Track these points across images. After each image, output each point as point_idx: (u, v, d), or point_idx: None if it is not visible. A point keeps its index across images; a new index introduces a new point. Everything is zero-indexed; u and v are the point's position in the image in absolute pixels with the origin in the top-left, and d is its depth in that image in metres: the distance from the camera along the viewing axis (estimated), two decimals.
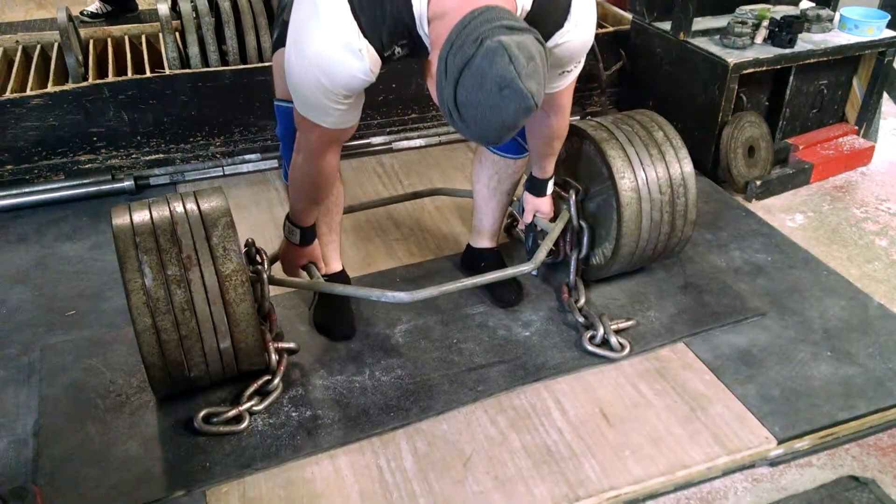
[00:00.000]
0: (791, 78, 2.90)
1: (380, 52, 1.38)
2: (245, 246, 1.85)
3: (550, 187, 2.05)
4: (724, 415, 1.82)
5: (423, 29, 1.36)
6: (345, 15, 1.32)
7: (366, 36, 1.35)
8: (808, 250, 2.44)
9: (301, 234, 1.87)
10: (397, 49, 1.41)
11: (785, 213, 2.75)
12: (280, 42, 1.76)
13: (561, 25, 1.46)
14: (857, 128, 3.12)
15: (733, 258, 2.39)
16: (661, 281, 2.26)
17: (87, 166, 2.74)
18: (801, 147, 2.99)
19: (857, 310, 2.16)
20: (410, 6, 1.33)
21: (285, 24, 1.74)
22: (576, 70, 1.66)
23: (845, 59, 2.99)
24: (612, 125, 2.11)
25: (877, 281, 2.35)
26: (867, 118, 3.11)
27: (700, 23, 2.96)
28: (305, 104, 1.51)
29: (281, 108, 1.83)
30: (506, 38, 1.16)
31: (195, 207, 1.71)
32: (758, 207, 2.75)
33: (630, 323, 2.06)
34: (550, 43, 1.46)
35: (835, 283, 2.28)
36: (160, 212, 1.69)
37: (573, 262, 2.14)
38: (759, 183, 2.78)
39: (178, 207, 1.70)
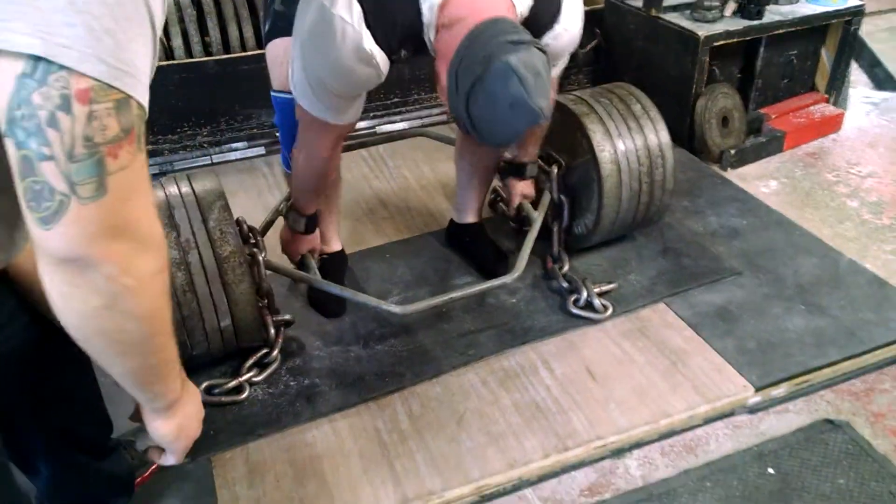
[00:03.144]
0: (761, 49, 2.98)
1: (388, 55, 1.45)
2: (237, 225, 1.91)
3: (534, 170, 2.13)
4: (704, 367, 1.91)
5: (429, 36, 1.42)
6: (358, 23, 1.38)
7: (376, 42, 1.41)
8: (781, 213, 2.54)
9: (306, 222, 1.94)
10: (403, 52, 1.48)
11: (759, 180, 2.84)
12: (274, 33, 1.83)
13: (551, 27, 1.54)
14: (827, 96, 3.22)
15: (710, 223, 2.48)
16: (640, 247, 2.35)
17: None
18: (773, 116, 3.08)
19: (828, 266, 2.25)
20: (421, 16, 1.39)
21: (278, 15, 1.80)
22: (561, 64, 1.76)
23: (813, 30, 3.08)
24: (591, 99, 2.19)
25: (848, 240, 2.45)
26: (836, 87, 3.20)
27: None
28: (315, 104, 1.57)
29: (279, 99, 1.89)
30: (513, 59, 1.22)
31: (190, 191, 1.76)
32: (733, 176, 2.84)
33: (612, 286, 2.15)
34: (543, 41, 1.53)
35: (807, 242, 2.37)
36: (156, 197, 1.75)
37: (555, 233, 2.21)
38: (733, 152, 2.87)
39: (174, 191, 1.75)
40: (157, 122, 2.85)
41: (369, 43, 1.39)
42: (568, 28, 1.55)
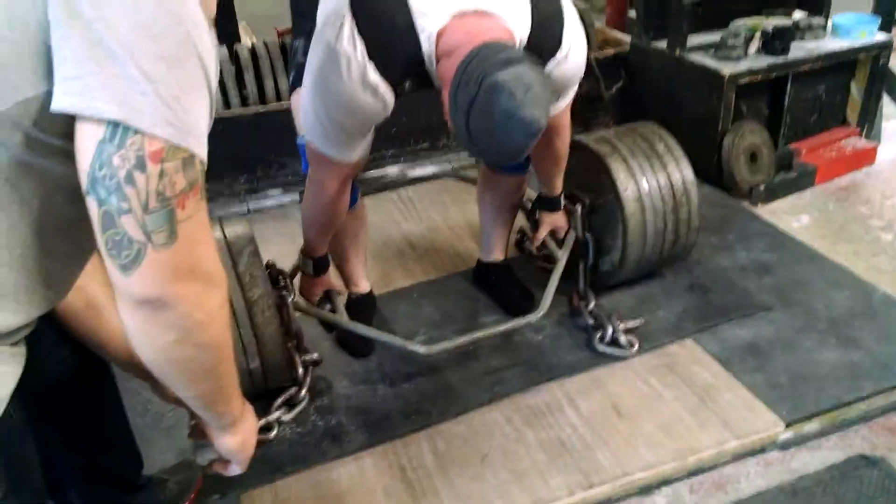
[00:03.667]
0: (788, 85, 2.99)
1: (393, 87, 1.50)
2: (266, 269, 1.97)
3: (562, 202, 2.16)
4: (733, 402, 1.88)
5: (431, 66, 1.47)
6: (361, 56, 1.44)
7: (380, 74, 1.46)
8: (812, 247, 2.51)
9: (314, 264, 1.99)
10: (407, 83, 1.54)
11: (790, 214, 2.82)
12: (297, 83, 1.91)
13: (554, 54, 1.57)
14: (858, 129, 3.19)
15: (739, 258, 2.47)
16: (668, 283, 2.35)
17: None
18: (804, 151, 3.06)
19: (861, 299, 2.22)
20: (420, 47, 1.44)
21: (301, 66, 1.88)
22: (571, 93, 1.78)
23: (841, 64, 3.08)
24: (614, 138, 2.22)
25: (882, 272, 2.40)
26: (868, 120, 3.18)
27: (696, 39, 3.06)
28: (322, 140, 1.62)
29: (304, 144, 1.97)
30: (502, 75, 1.26)
31: (222, 237, 1.82)
32: (763, 211, 2.83)
33: (638, 322, 2.14)
34: (546, 69, 1.57)
35: (839, 275, 2.34)
36: None
37: (581, 271, 2.22)
38: (762, 188, 2.86)
39: None
40: None
41: (374, 75, 1.44)
42: (570, 56, 1.58)
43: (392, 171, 3.14)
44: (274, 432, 1.86)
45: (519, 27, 1.47)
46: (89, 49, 0.75)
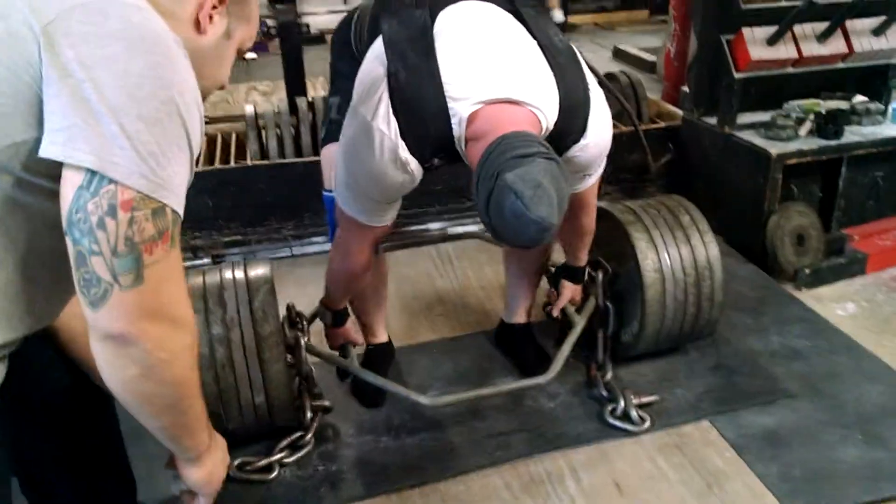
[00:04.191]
0: (843, 169, 2.92)
1: (422, 163, 1.55)
2: (286, 310, 2.04)
3: (586, 273, 2.17)
4: (741, 492, 1.81)
5: (461, 147, 1.52)
6: (394, 135, 1.49)
7: (411, 152, 1.51)
8: (853, 338, 2.41)
9: (332, 316, 2.04)
10: (436, 161, 1.59)
11: (836, 302, 2.71)
12: (328, 138, 2.00)
13: (578, 140, 1.60)
14: None
15: (771, 342, 2.39)
16: (692, 360, 2.29)
17: None
18: (856, 237, 2.97)
19: (895, 395, 2.11)
20: (451, 130, 1.49)
21: (332, 123, 1.98)
22: (596, 173, 1.80)
23: None
24: (639, 209, 2.22)
25: None
26: None
27: (748, 117, 3.04)
28: (352, 205, 1.68)
29: (329, 197, 2.05)
30: (510, 176, 1.28)
31: (242, 275, 1.91)
32: (807, 296, 2.73)
33: (653, 398, 2.10)
34: (570, 153, 1.61)
35: (876, 369, 2.24)
36: (212, 277, 1.90)
37: (600, 340, 2.20)
38: (808, 271, 2.77)
39: (228, 275, 1.91)
40: (246, 215, 3.10)
41: (404, 152, 1.49)
42: (595, 141, 1.60)
43: (434, 226, 3.21)
44: (274, 473, 1.89)
45: (547, 115, 1.50)
46: (76, 105, 0.84)
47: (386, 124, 1.49)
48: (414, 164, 1.53)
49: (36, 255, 0.95)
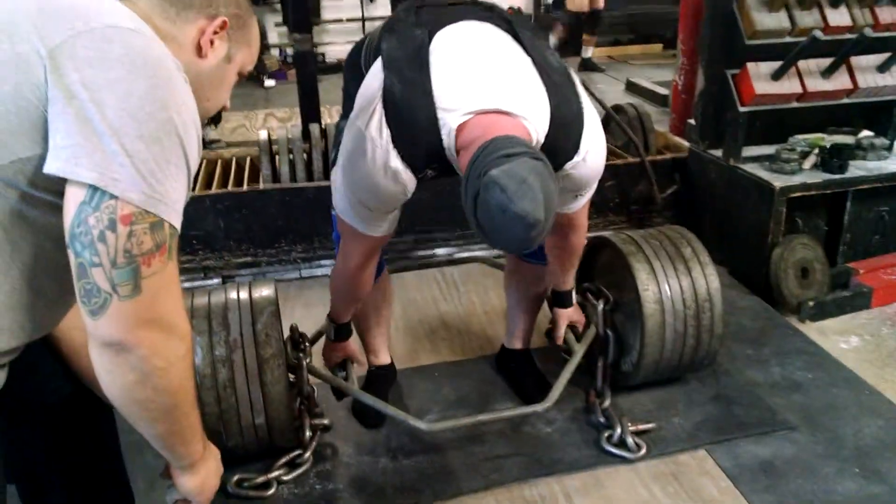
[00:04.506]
0: (847, 203, 2.94)
1: (415, 173, 1.59)
2: (290, 331, 2.08)
3: (574, 298, 2.19)
4: None
5: (452, 157, 1.56)
6: (386, 143, 1.54)
7: (403, 161, 1.56)
8: (855, 371, 2.41)
9: (335, 329, 2.07)
10: (429, 171, 1.64)
11: (839, 335, 2.71)
12: (337, 160, 2.06)
13: (571, 157, 1.63)
14: None
15: (772, 373, 2.40)
16: (691, 390, 2.30)
17: (185, 265, 3.11)
18: (861, 271, 2.97)
19: (894, 430, 2.10)
20: (441, 140, 1.53)
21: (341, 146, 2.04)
22: (588, 193, 1.81)
23: None
24: (641, 239, 2.24)
25: None
26: None
27: (754, 150, 3.07)
28: (349, 214, 1.74)
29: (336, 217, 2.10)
30: (495, 172, 1.32)
31: (247, 297, 1.95)
32: (811, 329, 2.74)
33: (650, 426, 2.11)
34: (563, 170, 1.63)
35: (877, 403, 2.23)
36: (217, 298, 1.95)
37: (599, 368, 2.22)
38: (811, 304, 2.78)
39: (233, 295, 1.95)
40: (257, 238, 3.16)
41: (395, 161, 1.54)
42: (587, 159, 1.63)
43: (441, 251, 3.25)
44: (272, 490, 1.92)
45: (537, 127, 1.53)
46: (80, 125, 0.90)
47: (379, 134, 1.54)
48: (406, 173, 1.57)
49: (39, 266, 1.00)
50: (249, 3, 1.24)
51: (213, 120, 4.56)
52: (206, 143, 4.36)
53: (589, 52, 6.70)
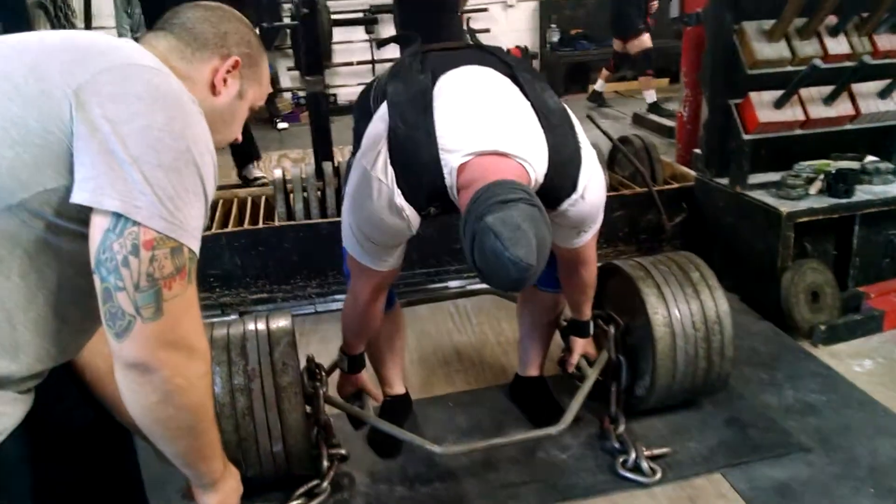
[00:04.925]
0: (855, 227, 2.96)
1: (418, 211, 1.65)
2: (307, 362, 2.12)
3: (592, 328, 2.22)
4: None
5: (453, 195, 1.61)
6: (391, 182, 1.61)
7: (407, 200, 1.62)
8: (868, 393, 2.41)
9: (349, 361, 2.11)
10: (432, 209, 1.69)
11: (853, 358, 2.71)
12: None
13: (569, 195, 1.68)
14: None
15: (786, 396, 2.40)
16: (706, 414, 2.31)
17: (203, 302, 3.17)
18: (873, 295, 2.98)
19: None
20: (443, 179, 1.59)
21: None
22: (592, 230, 1.85)
23: None
24: (650, 265, 2.28)
25: None
26: None
27: (760, 177, 3.11)
28: (356, 250, 1.80)
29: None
30: (490, 219, 1.36)
31: (265, 328, 2.01)
32: (823, 353, 2.74)
33: (665, 450, 2.12)
34: (561, 207, 1.69)
35: (890, 423, 2.23)
36: (235, 330, 2.00)
37: (613, 393, 2.24)
38: (823, 328, 2.79)
39: (251, 327, 2.01)
40: (273, 274, 3.22)
41: (400, 199, 1.60)
42: (585, 196, 1.68)
43: (453, 284, 3.30)
44: None
45: (535, 168, 1.58)
46: (103, 156, 0.96)
47: (384, 174, 1.61)
48: (409, 210, 1.63)
49: (63, 293, 1.05)
50: (260, 43, 1.31)
51: (255, 157, 4.70)
52: (251, 180, 4.46)
53: (651, 95, 6.33)
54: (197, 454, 1.16)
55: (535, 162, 1.56)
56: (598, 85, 6.86)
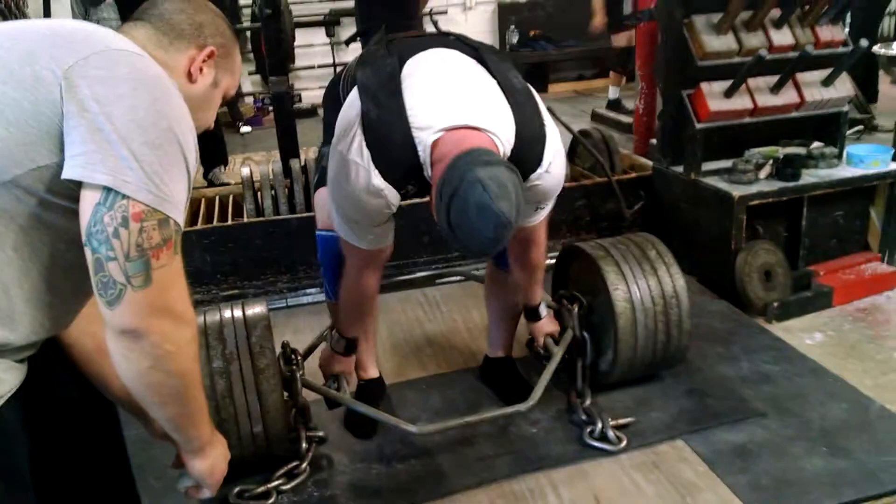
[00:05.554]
0: (804, 210, 3.11)
1: (397, 189, 1.73)
2: (281, 347, 2.17)
3: (544, 311, 2.32)
4: (713, 502, 1.92)
5: (427, 172, 1.70)
6: (367, 164, 1.68)
7: (384, 178, 1.70)
8: (819, 362, 2.55)
9: (346, 343, 2.17)
10: (410, 187, 1.77)
11: (804, 332, 2.86)
12: (319, 183, 2.20)
13: (535, 170, 1.78)
14: (880, 255, 3.25)
15: (741, 368, 2.53)
16: (667, 386, 2.42)
17: None
18: (822, 273, 3.13)
19: (857, 412, 2.24)
20: (417, 156, 1.67)
21: (324, 170, 2.18)
22: (548, 206, 1.96)
23: (858, 191, 3.19)
24: (609, 245, 2.39)
25: (888, 390, 2.41)
26: (889, 245, 3.24)
27: (713, 164, 3.25)
28: (347, 232, 1.88)
29: (322, 236, 2.22)
30: (480, 172, 1.47)
31: (241, 313, 2.06)
32: (777, 328, 2.88)
33: (629, 420, 2.22)
34: (529, 181, 1.78)
35: (840, 389, 2.37)
36: (212, 316, 2.04)
37: (578, 369, 2.34)
38: (776, 305, 2.93)
39: (227, 313, 2.05)
40: (243, 270, 3.26)
41: (378, 179, 1.67)
42: (550, 170, 1.78)
43: (422, 274, 3.37)
44: (272, 500, 2.00)
45: (503, 141, 1.67)
46: (92, 135, 1.03)
47: (360, 156, 1.68)
48: (388, 189, 1.70)
49: (55, 266, 1.11)
50: (234, 34, 1.38)
51: (223, 161, 4.76)
52: (217, 185, 4.47)
53: (613, 92, 6.30)
54: (186, 419, 1.22)
55: (503, 135, 1.64)
56: (612, 92, 6.40)
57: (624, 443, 2.13)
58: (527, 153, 1.73)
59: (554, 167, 1.78)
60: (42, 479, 1.42)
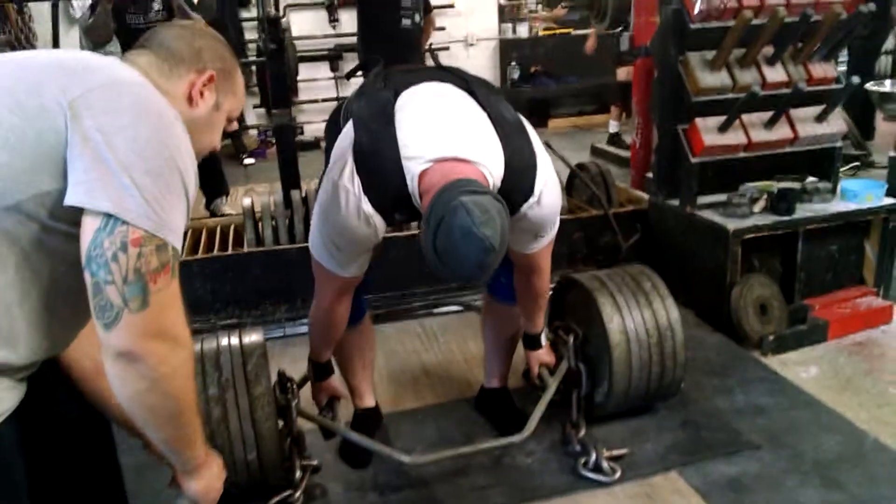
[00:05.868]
0: (799, 243, 3.14)
1: (385, 217, 1.76)
2: (277, 376, 2.19)
3: (544, 340, 2.33)
4: None
5: (416, 202, 1.72)
6: (357, 191, 1.71)
7: (374, 206, 1.73)
8: (813, 395, 2.55)
9: (316, 369, 2.19)
10: (398, 215, 1.80)
11: (799, 365, 2.86)
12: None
13: (527, 199, 1.80)
14: (875, 290, 3.26)
15: (736, 400, 2.53)
16: (662, 418, 2.43)
17: None
18: (817, 307, 3.15)
19: (851, 445, 2.24)
20: (405, 186, 1.70)
21: None
22: (549, 235, 1.97)
23: (853, 226, 3.21)
24: (604, 277, 2.42)
25: (884, 423, 2.41)
26: (884, 280, 3.26)
27: (709, 198, 3.28)
28: (323, 256, 1.90)
29: None
30: (465, 198, 1.49)
31: (238, 341, 2.08)
32: (772, 361, 2.88)
33: (624, 451, 2.23)
34: (521, 211, 1.80)
35: (834, 422, 2.37)
36: (209, 343, 2.06)
37: (574, 400, 2.34)
38: (771, 338, 2.94)
39: (224, 341, 2.08)
40: (243, 300, 3.29)
41: (367, 206, 1.70)
42: (541, 201, 1.80)
43: (420, 304, 3.39)
44: None
45: (492, 172, 1.70)
46: (95, 163, 1.07)
47: (351, 183, 1.71)
48: (377, 218, 1.73)
49: (55, 289, 1.14)
50: (234, 57, 1.42)
51: (224, 192, 4.83)
52: (219, 216, 4.52)
53: (614, 125, 6.42)
54: (181, 440, 1.24)
55: (492, 167, 1.68)
56: (612, 127, 6.48)
57: (618, 474, 2.13)
58: (517, 183, 1.76)
59: (546, 197, 1.81)
60: (39, 496, 1.43)
